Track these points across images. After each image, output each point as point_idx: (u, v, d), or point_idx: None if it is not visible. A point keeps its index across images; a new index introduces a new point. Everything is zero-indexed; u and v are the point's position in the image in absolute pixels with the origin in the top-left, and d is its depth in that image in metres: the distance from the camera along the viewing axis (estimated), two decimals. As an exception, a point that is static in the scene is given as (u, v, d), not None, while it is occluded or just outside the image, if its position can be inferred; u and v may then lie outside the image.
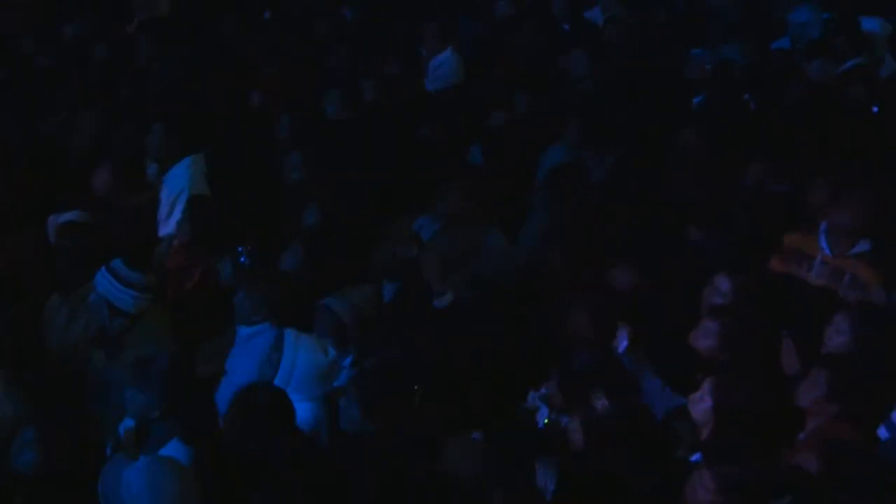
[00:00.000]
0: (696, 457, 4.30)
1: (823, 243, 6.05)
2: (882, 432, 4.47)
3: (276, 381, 4.93)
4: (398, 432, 4.56)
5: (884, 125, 7.72)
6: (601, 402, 4.32)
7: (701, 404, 4.43)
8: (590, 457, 4.36)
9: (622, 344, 5.23)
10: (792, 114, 7.95)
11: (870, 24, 9.40)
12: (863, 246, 5.96)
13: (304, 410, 4.77)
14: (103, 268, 5.21)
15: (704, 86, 8.47)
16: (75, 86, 8.49)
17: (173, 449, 4.20)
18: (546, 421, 4.76)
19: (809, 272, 6.04)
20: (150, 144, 7.29)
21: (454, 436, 4.50)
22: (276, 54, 8.99)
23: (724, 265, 5.66)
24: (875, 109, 7.93)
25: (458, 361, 5.34)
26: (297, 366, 5.06)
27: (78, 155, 7.56)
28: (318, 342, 5.23)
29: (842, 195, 6.11)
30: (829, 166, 6.84)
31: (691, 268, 5.98)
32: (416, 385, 4.82)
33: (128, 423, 4.69)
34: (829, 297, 5.74)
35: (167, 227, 6.88)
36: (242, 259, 5.88)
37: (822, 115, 7.83)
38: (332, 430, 4.99)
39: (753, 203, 6.70)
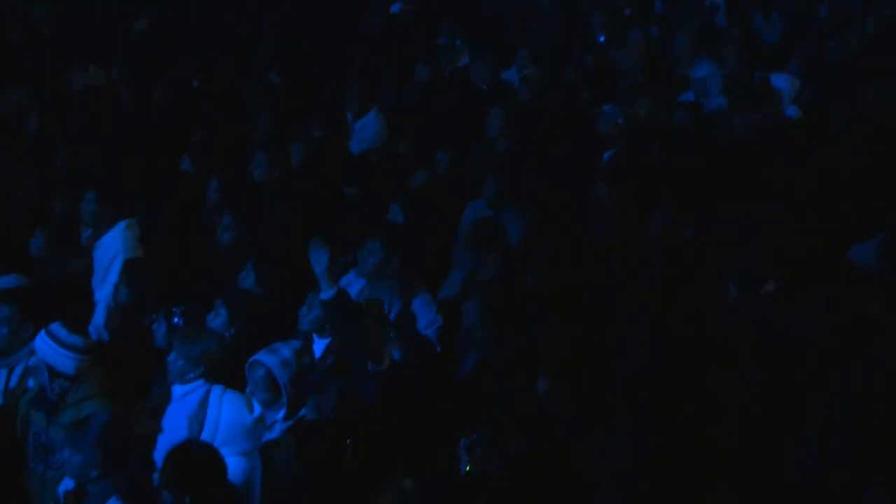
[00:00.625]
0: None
1: (731, 286, 6.32)
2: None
3: (203, 438, 5.00)
4: (332, 482, 4.70)
5: (784, 171, 8.02)
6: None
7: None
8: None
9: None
10: (698, 163, 8.25)
11: (778, 82, 9.90)
12: (768, 286, 6.25)
13: (235, 465, 4.82)
14: (42, 331, 5.27)
15: (615, 140, 8.74)
16: (11, 154, 8.55)
17: (112, 509, 4.28)
18: (468, 468, 4.86)
19: (719, 314, 6.25)
20: (84, 211, 7.40)
21: (386, 483, 4.62)
22: (205, 120, 9.15)
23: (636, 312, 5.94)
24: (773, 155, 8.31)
25: (390, 414, 5.43)
26: (221, 422, 5.15)
27: (15, 221, 7.61)
28: (243, 399, 5.31)
29: (747, 239, 6.52)
30: (735, 212, 7.16)
31: (605, 316, 6.18)
32: (348, 438, 4.91)
33: (67, 483, 4.81)
34: (739, 337, 5.94)
35: (102, 291, 6.95)
36: (176, 319, 5.95)
37: (730, 164, 8.19)
38: (266, 482, 5.07)
39: (662, 249, 6.91)
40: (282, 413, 5.34)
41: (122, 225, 7.18)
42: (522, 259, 6.83)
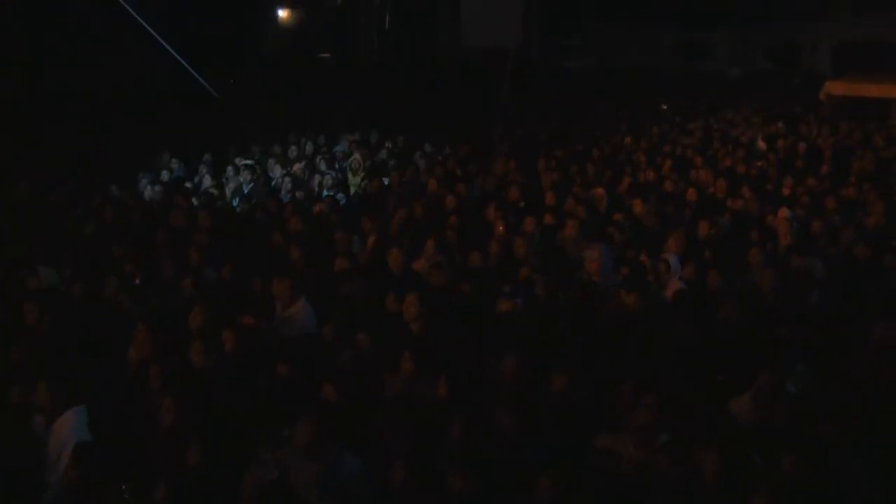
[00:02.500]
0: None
1: (629, 440, 6.85)
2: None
3: None
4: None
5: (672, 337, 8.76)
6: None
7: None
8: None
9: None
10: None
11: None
12: (663, 439, 6.81)
13: None
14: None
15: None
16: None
17: None
18: None
19: (620, 466, 6.73)
20: (37, 399, 7.66)
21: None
22: (146, 313, 9.49)
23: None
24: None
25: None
26: None
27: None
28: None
29: (640, 398, 7.05)
30: (629, 373, 7.68)
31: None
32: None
33: None
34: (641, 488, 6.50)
35: (55, 474, 7.20)
36: (125, 497, 6.28)
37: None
38: None
39: (562, 411, 7.41)
40: None
41: (71, 411, 7.51)
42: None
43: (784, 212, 13.93)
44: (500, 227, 13.09)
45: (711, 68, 44.50)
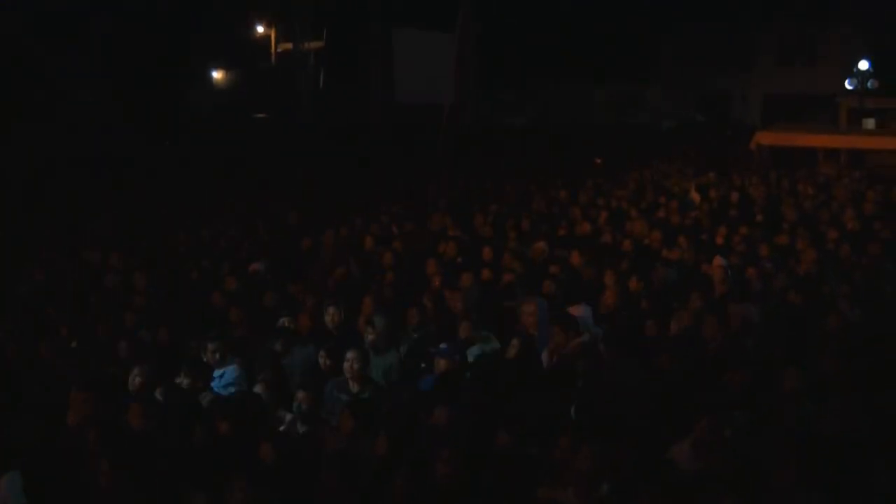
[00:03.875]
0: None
1: (570, 490, 6.85)
2: None
3: None
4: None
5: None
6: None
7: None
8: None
9: None
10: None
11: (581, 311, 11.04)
12: (604, 489, 6.82)
13: None
14: None
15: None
16: None
17: None
18: None
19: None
20: None
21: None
22: (82, 376, 9.38)
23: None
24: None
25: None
26: None
27: None
28: None
29: (580, 449, 7.04)
30: (567, 427, 7.67)
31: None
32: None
33: None
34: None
35: None
36: None
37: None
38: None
39: (504, 466, 7.38)
40: None
41: (5, 476, 7.41)
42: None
43: (718, 260, 14.12)
44: (437, 283, 13.11)
45: (643, 121, 45.21)
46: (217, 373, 9.97)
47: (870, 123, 39.51)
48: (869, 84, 38.82)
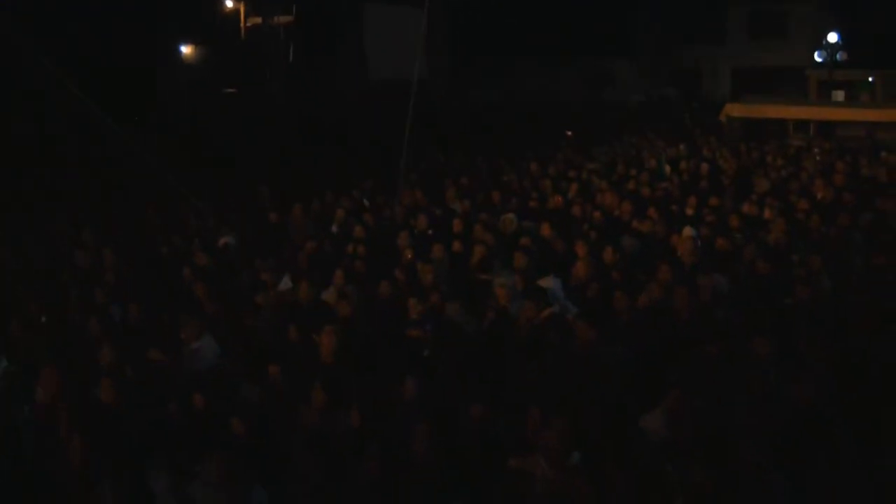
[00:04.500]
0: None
1: (541, 460, 6.91)
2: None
3: None
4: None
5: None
6: None
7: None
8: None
9: None
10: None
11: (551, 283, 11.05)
12: (575, 458, 6.90)
13: None
14: None
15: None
16: None
17: None
18: None
19: (532, 486, 6.80)
20: None
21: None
22: (53, 353, 9.44)
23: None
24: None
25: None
26: None
27: None
28: None
29: (549, 422, 7.10)
30: (539, 399, 7.69)
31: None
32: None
33: None
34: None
35: None
36: None
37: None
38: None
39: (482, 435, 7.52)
40: None
41: None
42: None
43: (688, 230, 14.14)
44: (409, 255, 13.09)
45: (613, 97, 45.21)
46: (189, 347, 9.94)
47: (839, 95, 39.77)
48: (838, 56, 38.99)
